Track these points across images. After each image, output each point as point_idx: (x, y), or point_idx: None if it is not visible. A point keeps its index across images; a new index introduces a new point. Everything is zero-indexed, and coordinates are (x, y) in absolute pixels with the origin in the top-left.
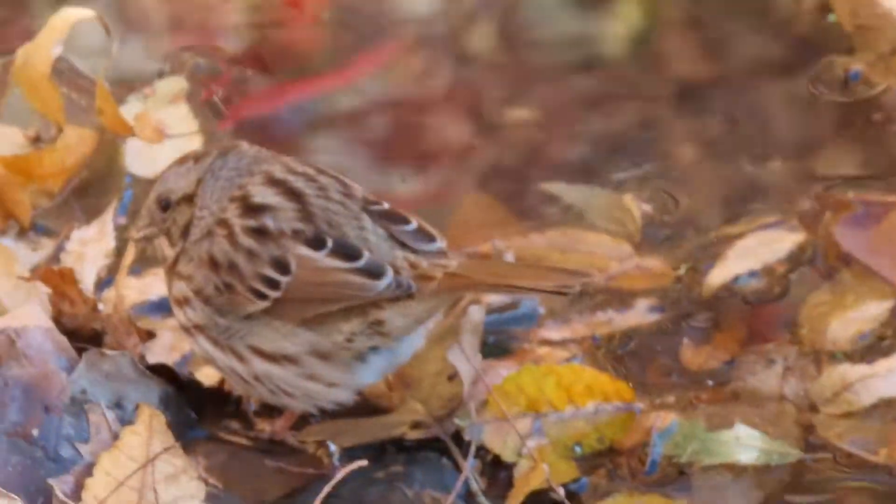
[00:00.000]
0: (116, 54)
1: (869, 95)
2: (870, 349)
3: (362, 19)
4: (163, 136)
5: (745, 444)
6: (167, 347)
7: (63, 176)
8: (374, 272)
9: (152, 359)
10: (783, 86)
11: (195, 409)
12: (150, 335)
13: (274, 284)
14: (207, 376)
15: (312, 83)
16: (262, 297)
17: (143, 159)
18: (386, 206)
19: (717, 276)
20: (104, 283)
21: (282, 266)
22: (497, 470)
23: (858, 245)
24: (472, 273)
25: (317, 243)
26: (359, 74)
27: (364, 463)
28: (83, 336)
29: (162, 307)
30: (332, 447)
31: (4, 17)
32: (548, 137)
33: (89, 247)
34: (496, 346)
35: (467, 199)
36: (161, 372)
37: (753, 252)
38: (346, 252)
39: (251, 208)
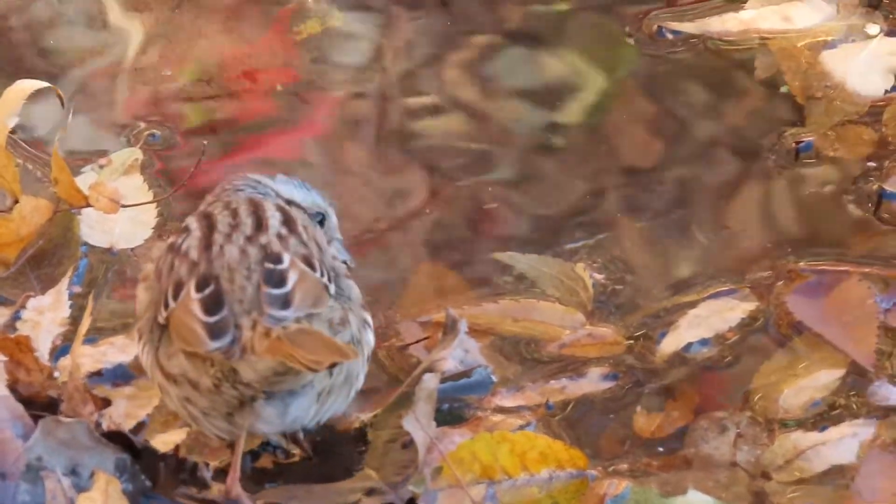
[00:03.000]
0: (71, 125)
1: (820, 166)
2: (821, 417)
3: (316, 92)
4: (118, 206)
5: None
6: (123, 415)
7: (19, 245)
8: (217, 333)
9: (108, 426)
10: (735, 156)
11: (151, 476)
12: (105, 403)
13: (167, 305)
14: (163, 443)
15: (258, 147)
16: (163, 310)
17: (99, 229)
18: (280, 266)
19: (670, 344)
20: (60, 351)
21: (176, 291)
22: None
23: (810, 314)
24: (287, 340)
25: (202, 283)
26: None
27: None
28: (39, 404)
29: (117, 375)
30: None
31: None
32: (500, 207)
33: (45, 315)
34: (450, 413)
35: (421, 269)
36: (117, 439)
37: (705, 320)
38: (212, 304)
39: (183, 227)
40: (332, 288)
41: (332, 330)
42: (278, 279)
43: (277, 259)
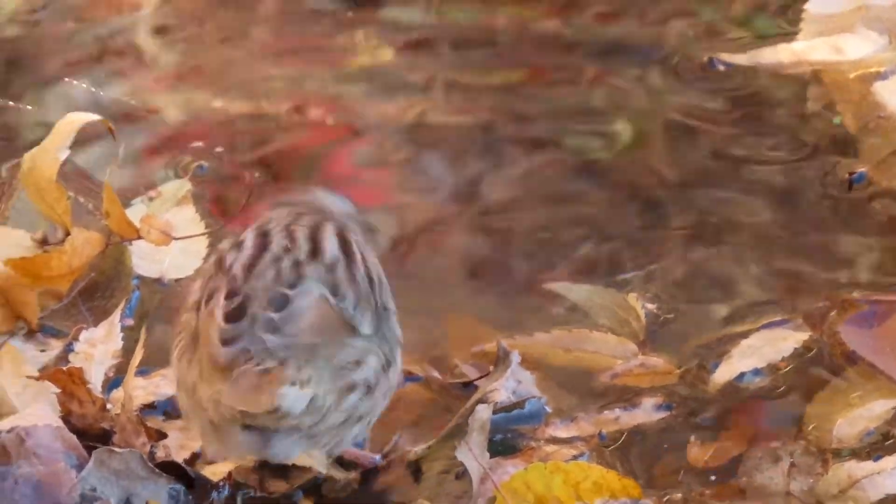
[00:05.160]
0: (122, 157)
1: (873, 197)
2: (875, 446)
3: (366, 122)
4: (170, 238)
5: None
6: (176, 446)
7: (70, 278)
8: (229, 341)
9: (161, 456)
10: (788, 187)
11: None
12: (159, 434)
13: (199, 310)
14: (214, 473)
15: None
16: (195, 316)
17: (150, 261)
18: (290, 291)
19: (723, 373)
20: (112, 383)
21: (209, 298)
22: None
23: (864, 344)
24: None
25: (231, 294)
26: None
27: None
28: (92, 435)
29: (170, 407)
30: None
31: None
32: (553, 237)
33: (97, 347)
34: (503, 444)
35: (474, 299)
36: (170, 469)
37: (758, 350)
38: (233, 314)
39: (239, 241)
40: (366, 326)
41: (336, 370)
42: (281, 303)
43: (293, 284)
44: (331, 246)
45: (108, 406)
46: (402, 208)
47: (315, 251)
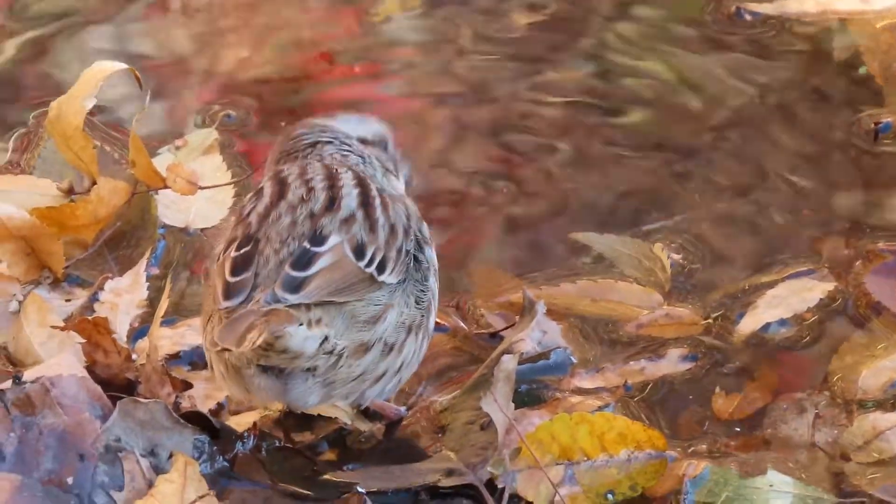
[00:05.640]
0: (148, 106)
1: None
2: None
3: (394, 70)
4: (196, 188)
5: (778, 489)
6: (201, 396)
7: (96, 227)
8: (231, 293)
9: (186, 407)
10: (814, 137)
11: (228, 457)
12: (184, 385)
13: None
14: (239, 423)
15: None
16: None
17: (176, 210)
18: (317, 248)
19: (748, 324)
20: (137, 333)
21: (227, 244)
22: None
23: (889, 294)
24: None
25: (243, 243)
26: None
27: None
28: (117, 385)
29: (195, 357)
30: (367, 498)
31: (37, 70)
32: (579, 187)
33: (123, 297)
34: (528, 394)
35: (500, 248)
36: (195, 420)
37: (784, 301)
38: (240, 264)
39: (258, 189)
40: (388, 275)
41: (350, 317)
42: (306, 261)
43: (321, 241)
44: (349, 197)
45: (133, 356)
46: (429, 156)
47: (332, 202)
